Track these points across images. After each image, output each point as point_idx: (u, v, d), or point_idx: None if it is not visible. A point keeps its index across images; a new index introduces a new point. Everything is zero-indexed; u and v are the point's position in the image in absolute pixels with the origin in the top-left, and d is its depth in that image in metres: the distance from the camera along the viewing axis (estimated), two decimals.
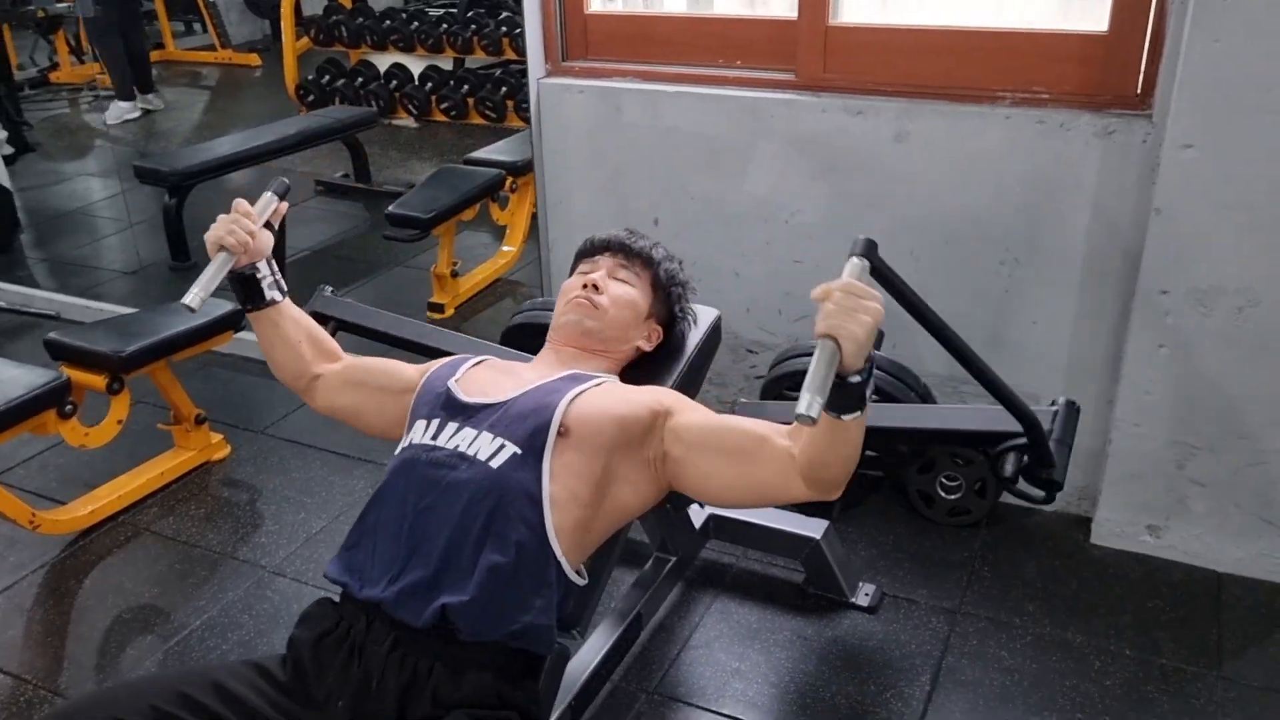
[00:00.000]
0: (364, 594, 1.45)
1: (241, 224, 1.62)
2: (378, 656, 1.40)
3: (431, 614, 1.39)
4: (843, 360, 1.25)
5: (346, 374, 1.76)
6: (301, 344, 1.74)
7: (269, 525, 2.67)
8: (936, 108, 2.34)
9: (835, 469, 1.40)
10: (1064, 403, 1.88)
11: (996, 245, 2.39)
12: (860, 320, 1.25)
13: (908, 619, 2.27)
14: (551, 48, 2.72)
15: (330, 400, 1.76)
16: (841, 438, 1.36)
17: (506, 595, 1.42)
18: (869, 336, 1.26)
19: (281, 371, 1.76)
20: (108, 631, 2.31)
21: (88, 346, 2.60)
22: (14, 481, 2.83)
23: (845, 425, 1.33)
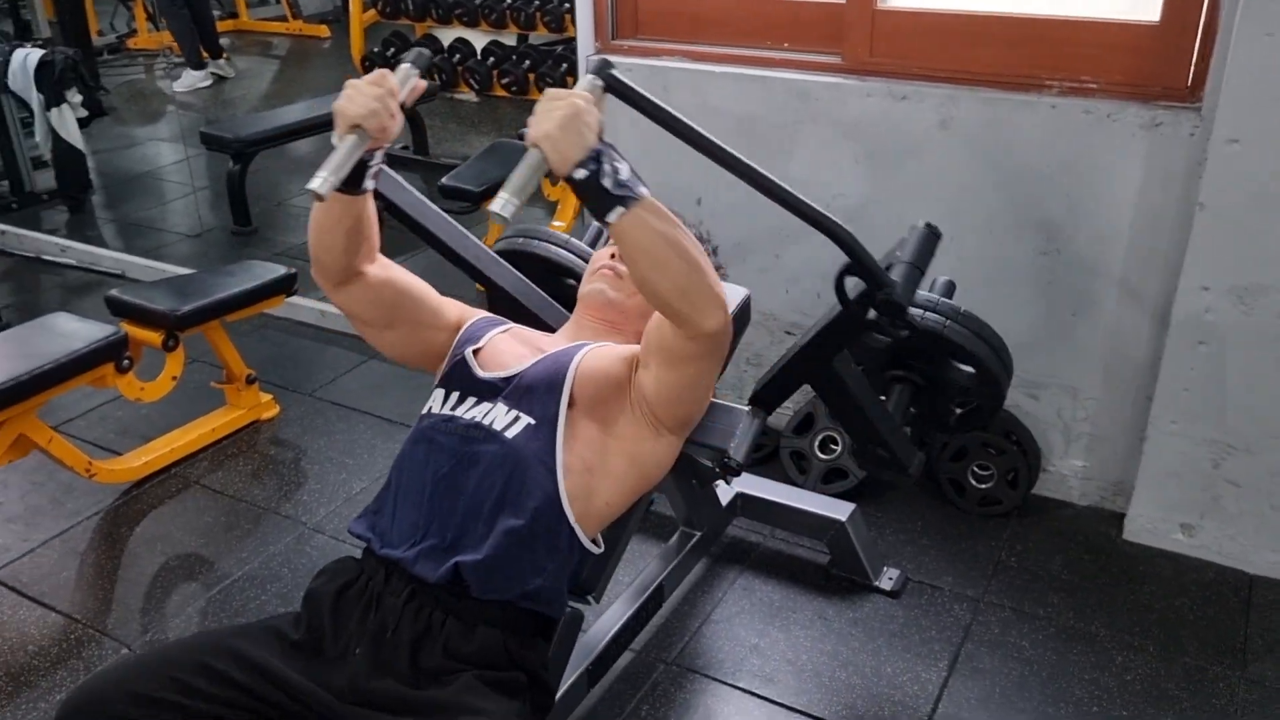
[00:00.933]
0: (383, 552, 1.50)
1: (387, 104, 1.35)
2: (394, 608, 1.45)
3: (446, 571, 1.44)
4: (551, 162, 1.26)
5: (380, 288, 1.60)
6: (364, 239, 1.55)
7: (311, 484, 2.75)
8: (982, 95, 2.33)
9: (660, 286, 1.36)
10: (920, 225, 1.83)
11: (1038, 235, 2.37)
12: (551, 116, 1.25)
13: (930, 605, 2.28)
14: (602, 26, 2.75)
15: (355, 305, 1.62)
16: (634, 246, 1.33)
17: (520, 558, 1.46)
18: (561, 129, 1.25)
19: (327, 256, 1.55)
20: (155, 578, 2.42)
21: (145, 304, 2.70)
22: (74, 431, 2.95)
23: (620, 230, 1.32)
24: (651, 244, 1.33)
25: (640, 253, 1.34)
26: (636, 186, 1.32)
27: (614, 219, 1.31)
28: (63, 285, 4.04)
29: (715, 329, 1.40)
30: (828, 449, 2.65)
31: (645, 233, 1.33)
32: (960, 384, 1.96)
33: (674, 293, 1.37)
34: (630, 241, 1.34)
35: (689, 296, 1.37)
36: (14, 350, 2.44)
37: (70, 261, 4.16)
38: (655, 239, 1.33)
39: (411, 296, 1.65)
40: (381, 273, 1.61)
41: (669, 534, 2.37)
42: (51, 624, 2.26)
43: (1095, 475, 2.54)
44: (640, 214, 1.32)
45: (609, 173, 1.29)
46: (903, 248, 1.81)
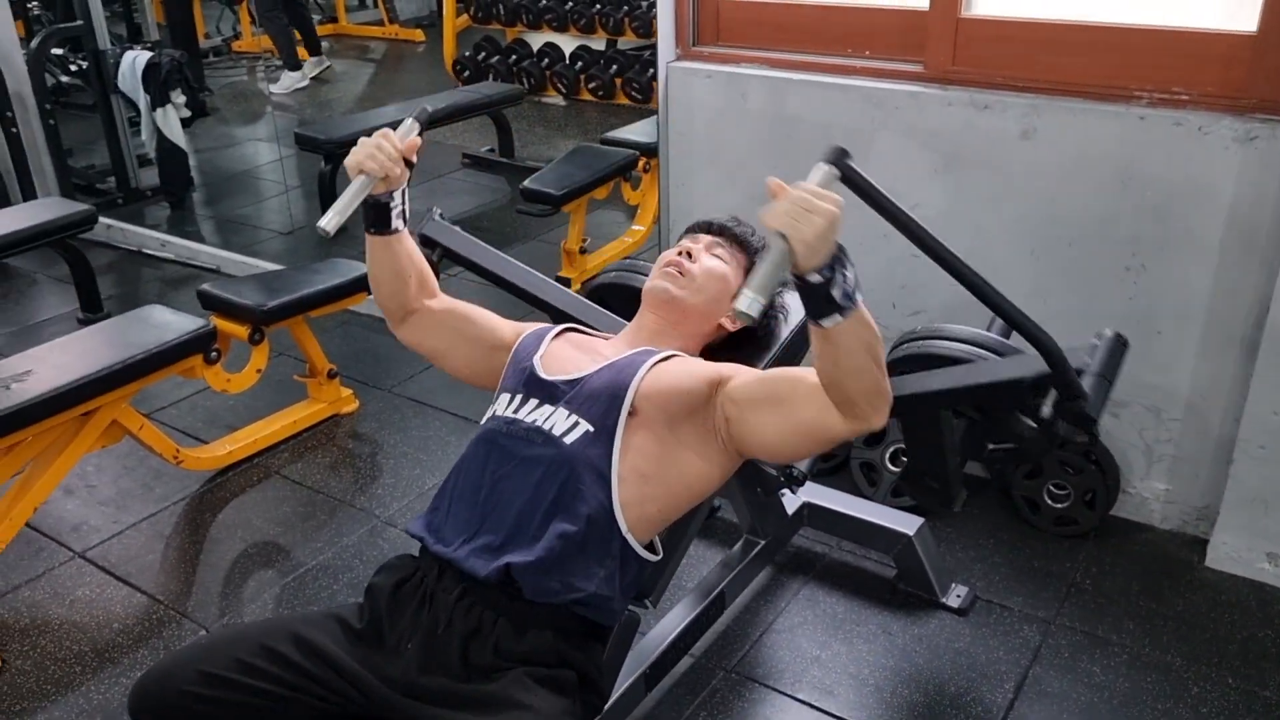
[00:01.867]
0: (436, 549, 1.53)
1: (385, 150, 1.58)
2: (445, 605, 1.48)
3: (497, 569, 1.46)
4: (795, 261, 1.24)
5: (443, 317, 1.76)
6: (410, 277, 1.72)
7: (386, 478, 2.81)
8: (1067, 105, 2.27)
9: (848, 385, 1.37)
10: (1109, 335, 1.79)
11: (1123, 249, 2.31)
12: (811, 220, 1.23)
13: (999, 625, 2.23)
14: (683, 32, 2.75)
15: (420, 337, 1.76)
16: (838, 348, 1.33)
17: (571, 562, 1.47)
18: (818, 238, 1.23)
19: (384, 297, 1.74)
20: (234, 563, 2.50)
21: (234, 299, 2.80)
22: (165, 419, 3.07)
23: (831, 334, 1.31)
24: (854, 352, 1.34)
25: (844, 357, 1.35)
26: (856, 297, 1.31)
27: (829, 325, 1.31)
28: (162, 278, 4.20)
29: (877, 425, 1.42)
30: (898, 461, 2.61)
31: (853, 341, 1.33)
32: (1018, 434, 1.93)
33: (861, 394, 1.38)
34: (837, 346, 1.34)
35: (872, 399, 1.39)
36: (110, 340, 2.54)
37: (170, 256, 4.33)
38: (859, 348, 1.34)
39: (469, 322, 1.76)
40: (439, 305, 1.77)
41: (733, 540, 2.37)
42: (136, 604, 2.35)
43: (1178, 498, 2.45)
44: (854, 324, 1.32)
45: (840, 282, 1.28)
46: (1093, 356, 1.79)
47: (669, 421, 1.54)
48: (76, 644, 2.23)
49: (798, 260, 1.24)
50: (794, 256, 1.24)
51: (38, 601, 2.36)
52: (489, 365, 1.74)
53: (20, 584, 2.42)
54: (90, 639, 2.25)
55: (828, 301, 1.28)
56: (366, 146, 1.59)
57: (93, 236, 4.07)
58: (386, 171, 1.58)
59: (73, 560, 2.49)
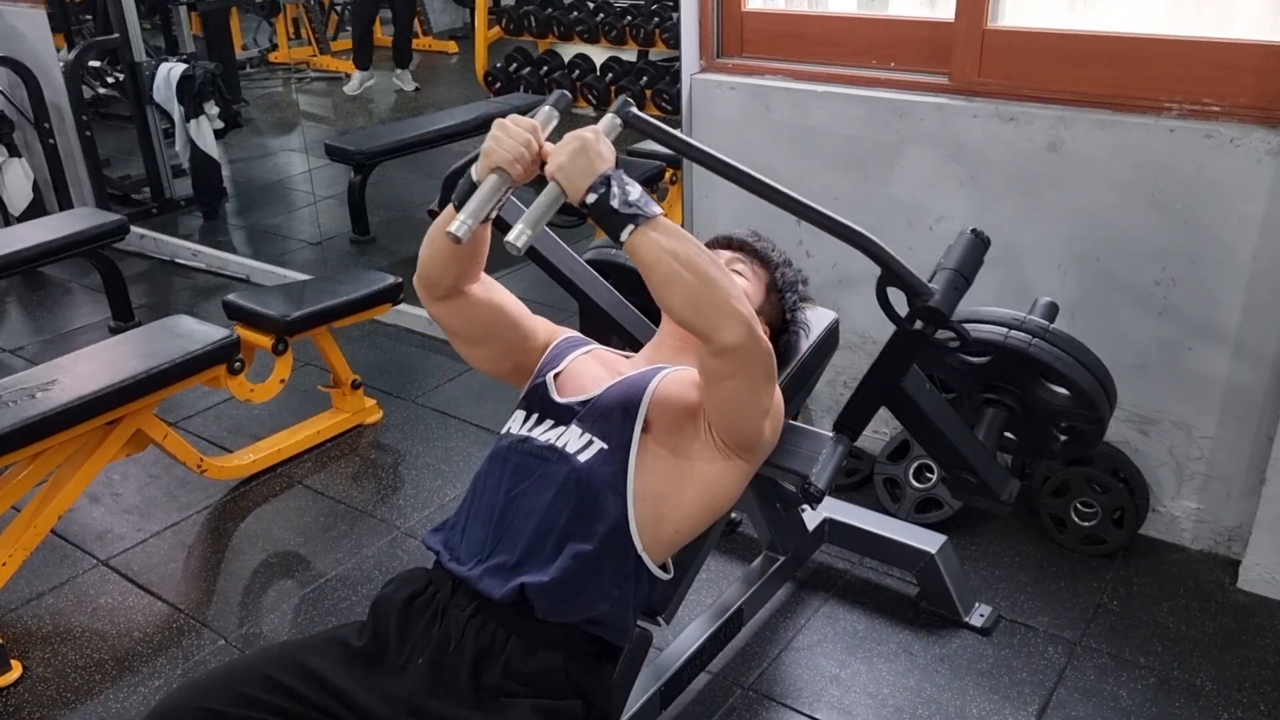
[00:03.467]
0: (450, 566, 1.52)
1: (533, 149, 1.39)
2: (458, 622, 1.47)
3: (510, 590, 1.44)
4: (566, 191, 1.35)
5: (482, 309, 1.62)
6: (474, 264, 1.56)
7: (408, 489, 2.81)
8: (1095, 117, 2.23)
9: (673, 302, 1.38)
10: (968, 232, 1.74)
11: (1153, 264, 2.26)
12: (562, 150, 1.36)
13: (1023, 645, 2.19)
14: (707, 44, 2.74)
15: (452, 319, 1.63)
16: (646, 263, 1.37)
17: (585, 582, 1.45)
18: (572, 160, 1.35)
19: (437, 272, 1.55)
20: (255, 573, 2.51)
21: (258, 309, 2.81)
22: (191, 428, 3.10)
23: (636, 249, 1.37)
24: (659, 260, 1.37)
25: (650, 270, 1.38)
26: (648, 206, 1.37)
27: (625, 237, 1.36)
28: (192, 287, 4.25)
29: (734, 343, 1.38)
30: (922, 477, 2.57)
31: (654, 250, 1.37)
32: (1055, 406, 1.88)
33: (687, 308, 1.39)
34: (641, 259, 1.38)
35: (703, 312, 1.38)
36: (135, 350, 2.57)
37: (201, 265, 4.37)
38: (663, 255, 1.37)
39: (506, 318, 1.67)
40: (482, 293, 1.62)
41: (752, 556, 2.34)
42: (157, 612, 2.37)
43: (1209, 518, 2.40)
44: (649, 232, 1.36)
45: (617, 194, 1.35)
46: (948, 256, 1.74)
47: (678, 433, 1.53)
48: (97, 652, 2.25)
49: (564, 188, 1.36)
50: (560, 187, 1.36)
51: (60, 609, 2.38)
52: (513, 364, 1.70)
53: (44, 591, 2.44)
54: (111, 647, 2.26)
55: (611, 215, 1.35)
56: (512, 141, 1.37)
57: (126, 246, 4.12)
58: (530, 175, 1.40)
59: (96, 568, 2.52)
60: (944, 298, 1.65)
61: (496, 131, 1.39)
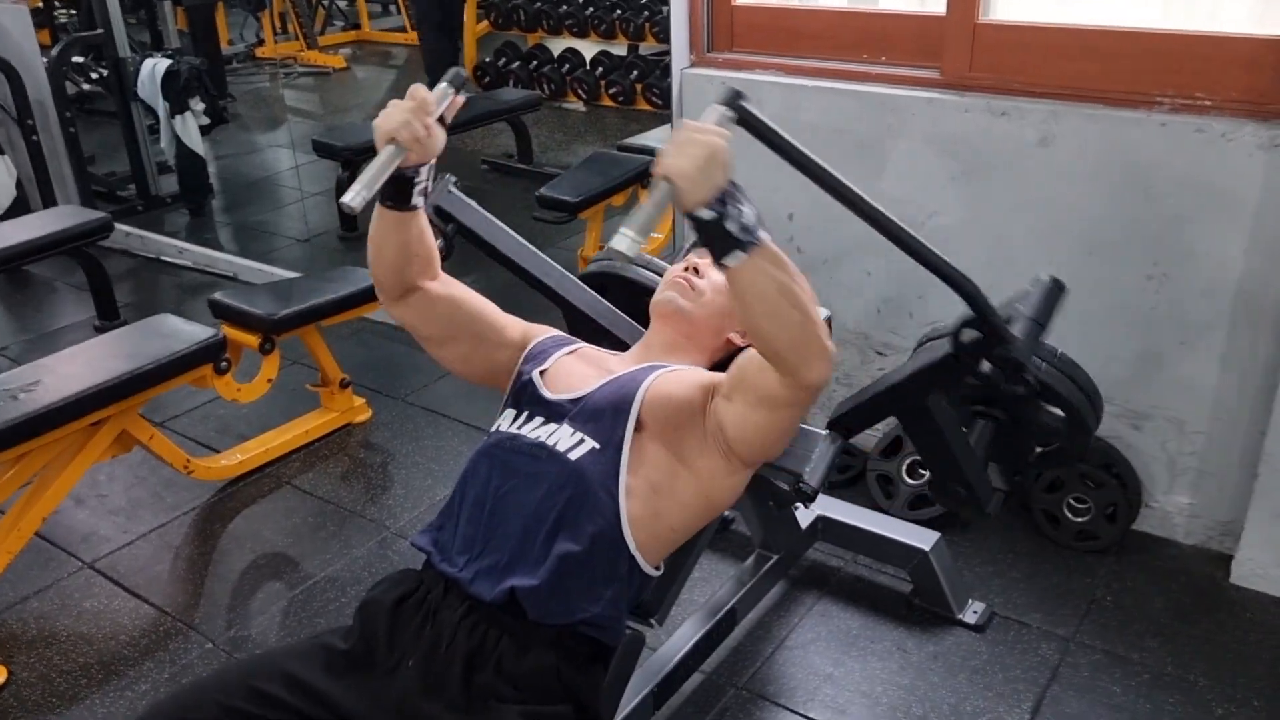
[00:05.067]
0: (441, 567, 1.51)
1: (419, 117, 1.40)
2: (449, 623, 1.45)
3: (501, 593, 1.43)
4: (680, 197, 1.22)
5: (443, 304, 1.63)
6: (417, 257, 1.58)
7: (397, 489, 2.80)
8: (1086, 111, 2.23)
9: (769, 333, 1.33)
10: (1044, 279, 1.73)
11: (1144, 258, 2.26)
12: (688, 153, 1.21)
13: (1016, 642, 2.18)
14: (697, 38, 2.73)
15: (414, 318, 1.64)
16: (747, 291, 1.30)
17: (576, 584, 1.44)
18: (697, 169, 1.21)
19: (382, 272, 1.59)
20: (243, 575, 2.49)
21: (244, 307, 2.79)
22: (177, 428, 3.07)
23: (739, 275, 1.28)
24: (767, 292, 1.30)
25: (755, 300, 1.31)
26: (759, 232, 1.28)
27: (733, 264, 1.28)
28: (179, 285, 4.22)
29: (819, 381, 1.37)
30: (916, 474, 2.57)
31: (763, 280, 1.29)
32: (1048, 426, 1.88)
33: (785, 343, 1.33)
34: (746, 288, 1.31)
35: (799, 348, 1.34)
36: (119, 350, 2.54)
37: (187, 263, 4.34)
38: (772, 287, 1.30)
39: (470, 312, 1.66)
40: (441, 289, 1.63)
41: (745, 555, 2.33)
42: (143, 615, 2.35)
43: (1202, 513, 2.40)
44: (760, 261, 1.28)
45: (734, 216, 1.25)
46: (1024, 301, 1.73)
47: (673, 435, 1.51)
48: (83, 656, 2.23)
49: (681, 195, 1.22)
50: (677, 193, 1.22)
51: (46, 613, 2.36)
52: (489, 364, 1.68)
53: (29, 595, 2.42)
54: (97, 651, 2.24)
55: (725, 238, 1.25)
56: (399, 111, 1.40)
57: (111, 244, 4.08)
58: (420, 140, 1.40)
59: (82, 571, 2.49)
60: (1026, 350, 1.66)
61: (387, 107, 1.42)
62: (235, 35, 8.03)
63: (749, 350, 1.45)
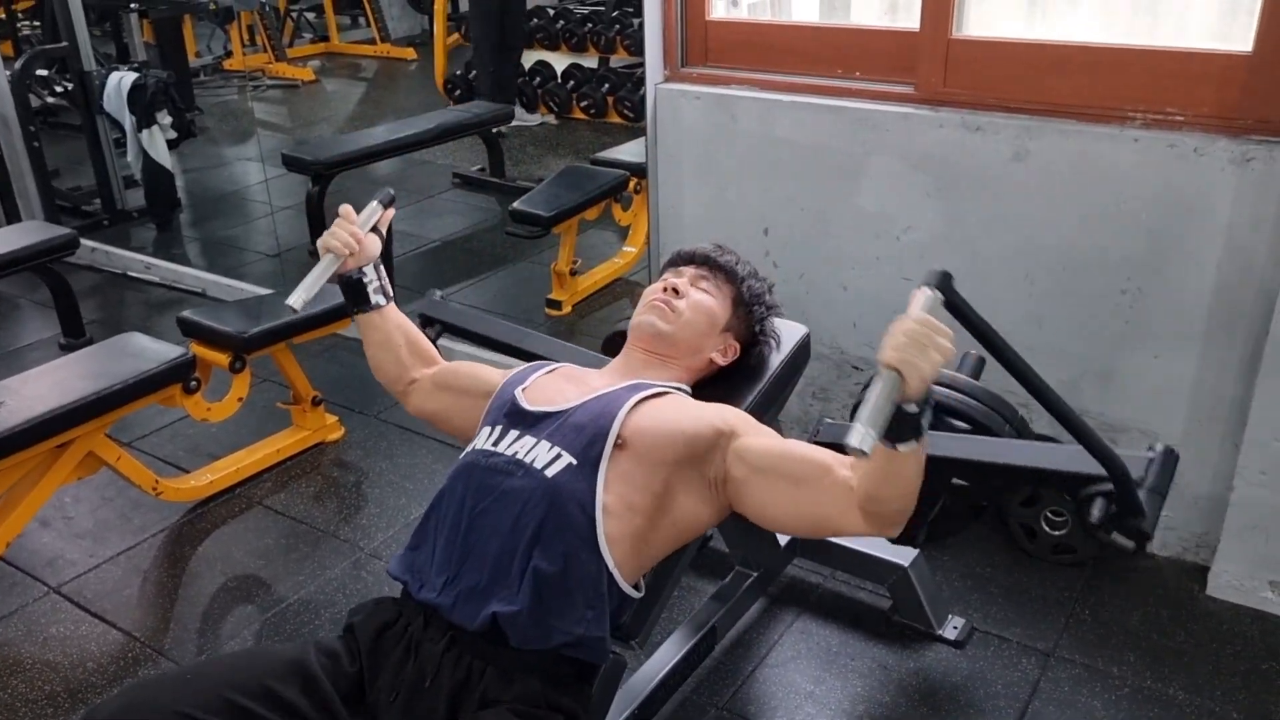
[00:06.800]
0: (421, 595, 1.49)
1: (345, 228, 1.70)
2: (433, 655, 1.43)
3: (483, 620, 1.42)
4: (905, 392, 1.22)
5: (437, 379, 1.81)
6: (401, 349, 1.79)
7: (371, 508, 2.76)
8: (1060, 126, 2.24)
9: (892, 503, 1.36)
10: (1161, 449, 1.76)
11: (1118, 273, 2.27)
12: (930, 357, 1.21)
13: (996, 657, 2.18)
14: (671, 53, 2.72)
15: (422, 404, 1.82)
16: (898, 470, 1.32)
17: (557, 605, 1.43)
18: (935, 372, 1.22)
19: (380, 373, 1.83)
20: (213, 598, 2.44)
21: (214, 325, 2.75)
22: (146, 448, 3.02)
23: (902, 458, 1.30)
24: (911, 477, 1.34)
25: (899, 480, 1.34)
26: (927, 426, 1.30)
27: (905, 450, 1.29)
28: (146, 302, 4.16)
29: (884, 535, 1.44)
30: None
31: (914, 467, 1.33)
32: None
33: (896, 513, 1.38)
34: (900, 472, 1.33)
35: (902, 516, 1.40)
36: (86, 370, 2.50)
37: (155, 279, 4.28)
38: (915, 473, 1.34)
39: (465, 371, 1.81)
40: (437, 368, 1.83)
41: (724, 572, 2.32)
42: (111, 641, 2.30)
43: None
44: (921, 452, 1.31)
45: (928, 413, 1.29)
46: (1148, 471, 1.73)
47: (665, 461, 1.50)
48: (49, 684, 2.18)
49: (909, 391, 1.22)
50: (905, 388, 1.22)
51: (10, 640, 2.31)
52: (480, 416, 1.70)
53: None
54: (63, 679, 2.19)
55: (914, 429, 1.27)
56: (338, 233, 1.69)
57: (77, 260, 4.02)
58: (350, 249, 1.68)
59: (47, 596, 2.44)
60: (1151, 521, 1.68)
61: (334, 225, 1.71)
62: (203, 48, 7.95)
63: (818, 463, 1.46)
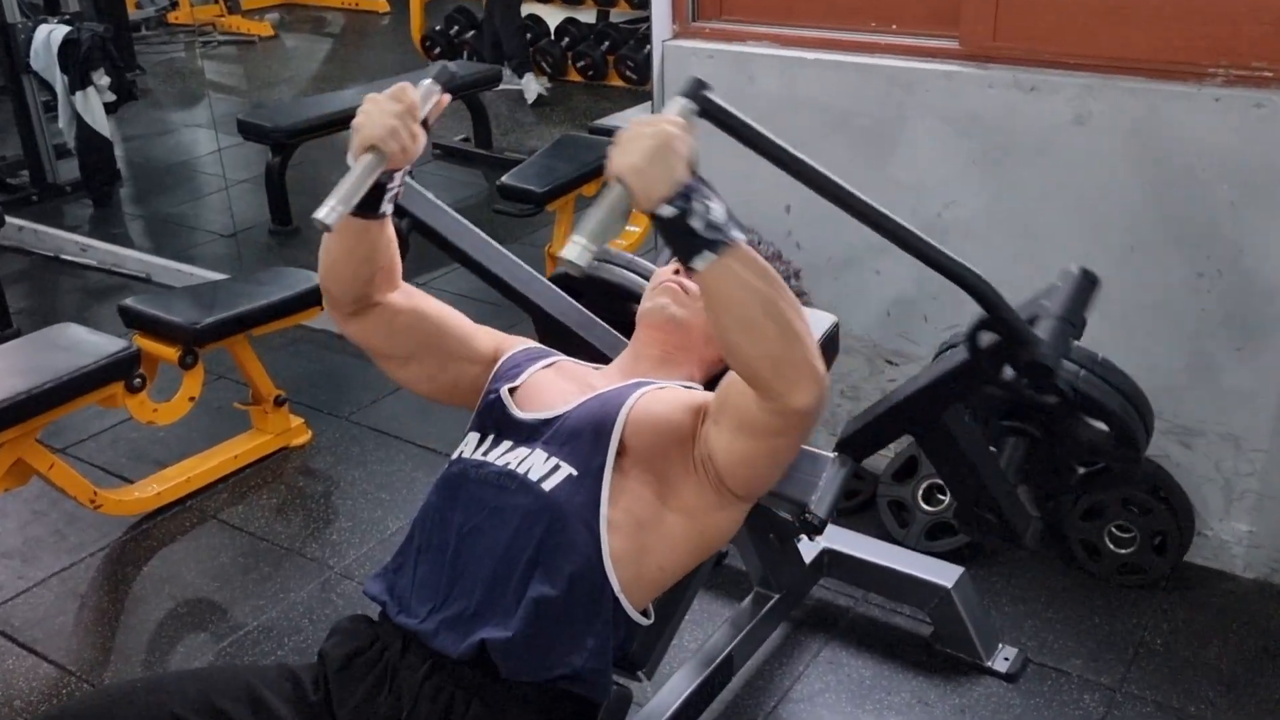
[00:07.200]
0: (400, 620, 1.48)
1: (407, 123, 1.39)
2: (411, 684, 1.43)
3: (469, 646, 1.41)
4: (634, 196, 1.24)
5: (406, 318, 1.62)
6: (380, 268, 1.56)
7: (342, 522, 2.77)
8: (1128, 85, 2.23)
9: (743, 348, 1.32)
10: (1074, 271, 1.72)
11: (1195, 253, 2.26)
12: (637, 147, 1.24)
13: (1054, 693, 2.18)
14: (681, 6, 2.72)
15: (373, 337, 1.63)
16: (718, 297, 1.30)
17: (555, 633, 1.43)
18: (647, 160, 1.23)
19: (339, 284, 1.56)
20: (160, 626, 2.45)
21: (162, 315, 2.76)
22: (83, 455, 3.03)
23: (709, 280, 1.29)
24: (742, 300, 1.30)
25: (728, 309, 1.31)
26: (730, 230, 1.28)
27: (701, 266, 1.28)
28: (83, 289, 4.18)
29: (805, 408, 1.35)
30: (934, 499, 2.57)
31: (736, 286, 1.29)
32: (1090, 443, 1.87)
33: (762, 361, 1.33)
34: (717, 295, 1.31)
35: (780, 368, 1.33)
36: (15, 366, 2.50)
37: (92, 262, 4.30)
38: (747, 295, 1.30)
39: (435, 326, 1.65)
40: (403, 302, 1.61)
41: (742, 594, 2.32)
42: (42, 676, 2.30)
43: (1264, 542, 2.41)
44: (731, 263, 1.28)
45: (699, 212, 1.26)
46: (1051, 297, 1.72)
47: (660, 462, 1.50)
48: None
49: (635, 193, 1.24)
50: (630, 191, 1.25)
51: None
52: (456, 383, 1.68)
53: None
54: None
55: (690, 237, 1.26)
56: (384, 114, 1.38)
57: (2, 240, 4.04)
58: (406, 150, 1.40)
59: None
60: (1053, 353, 1.63)
61: (366, 106, 1.40)
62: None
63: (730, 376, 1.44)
